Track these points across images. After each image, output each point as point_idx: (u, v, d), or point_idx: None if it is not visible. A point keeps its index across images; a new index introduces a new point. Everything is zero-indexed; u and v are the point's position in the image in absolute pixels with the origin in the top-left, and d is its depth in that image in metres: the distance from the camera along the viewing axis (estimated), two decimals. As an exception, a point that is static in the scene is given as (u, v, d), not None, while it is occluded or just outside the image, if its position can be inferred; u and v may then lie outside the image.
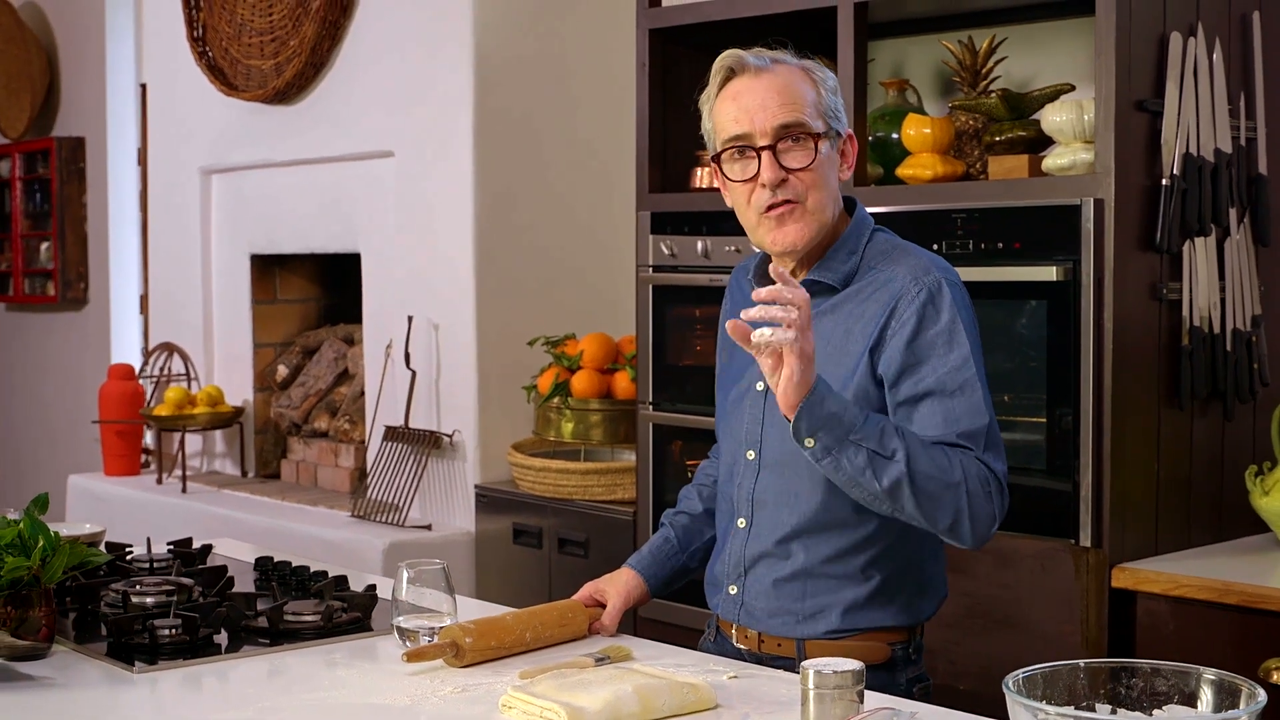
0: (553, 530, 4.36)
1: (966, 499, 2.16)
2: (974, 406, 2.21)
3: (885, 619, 2.31)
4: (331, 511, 4.99)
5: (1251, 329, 3.27)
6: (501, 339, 4.69)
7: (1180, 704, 1.63)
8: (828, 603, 2.30)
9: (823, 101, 2.30)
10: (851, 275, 2.32)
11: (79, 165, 7.20)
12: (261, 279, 5.69)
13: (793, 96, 2.27)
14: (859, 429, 2.12)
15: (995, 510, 2.20)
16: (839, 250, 2.33)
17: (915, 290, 2.25)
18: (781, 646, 2.33)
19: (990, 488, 2.19)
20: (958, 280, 2.30)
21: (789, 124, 2.26)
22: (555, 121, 4.81)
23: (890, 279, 2.28)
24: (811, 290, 2.33)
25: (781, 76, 2.29)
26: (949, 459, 2.16)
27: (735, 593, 2.38)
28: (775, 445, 2.33)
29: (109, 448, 5.92)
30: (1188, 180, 3.12)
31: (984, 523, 2.18)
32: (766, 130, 2.26)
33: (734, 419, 2.42)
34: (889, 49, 3.96)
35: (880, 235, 2.38)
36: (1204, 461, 3.27)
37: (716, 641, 2.45)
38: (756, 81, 2.28)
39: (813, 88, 2.30)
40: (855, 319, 2.29)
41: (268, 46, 5.30)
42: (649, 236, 3.93)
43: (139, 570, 2.83)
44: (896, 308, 2.25)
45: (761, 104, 2.27)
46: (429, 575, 2.37)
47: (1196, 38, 3.16)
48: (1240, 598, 2.86)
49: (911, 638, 2.34)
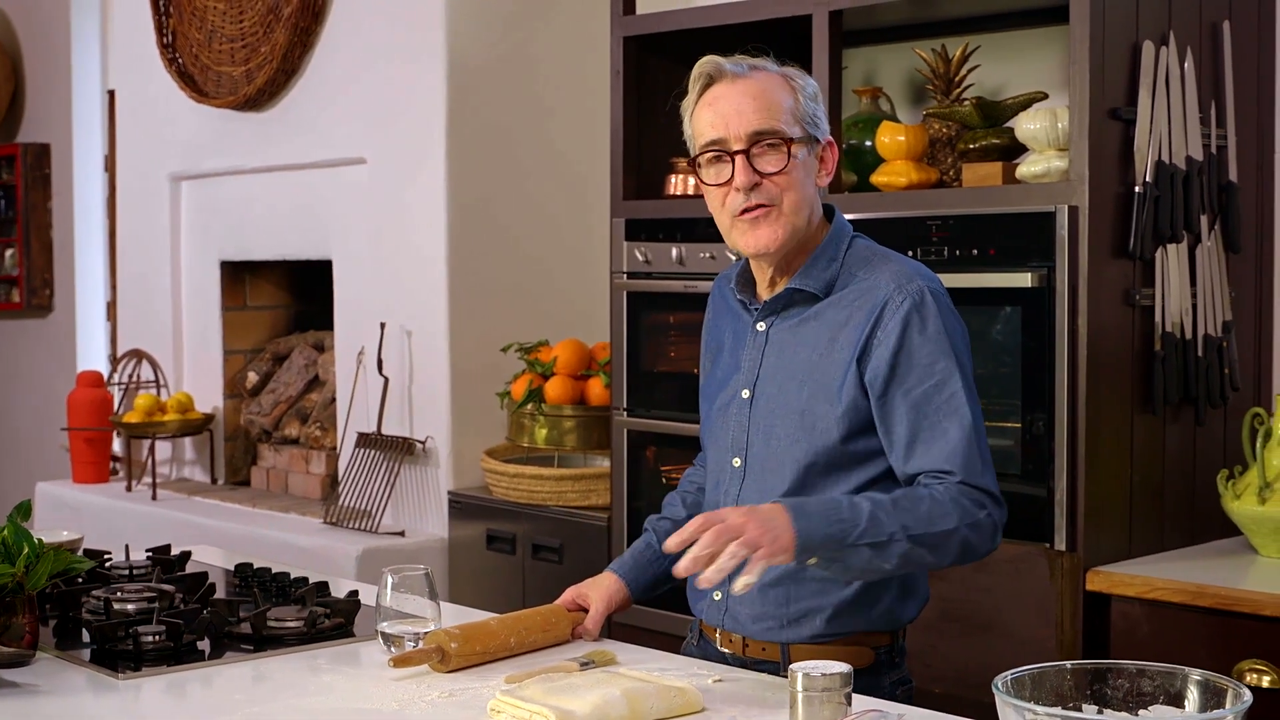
0: (526, 536, 4.37)
1: (967, 531, 2.21)
2: (958, 421, 2.23)
3: (869, 623, 2.32)
4: (303, 518, 4.98)
5: (1222, 334, 3.31)
6: (475, 345, 4.70)
7: (1166, 704, 1.65)
8: (812, 607, 2.31)
9: (801, 108, 2.32)
10: (832, 282, 2.33)
11: (44, 171, 7.16)
12: (232, 285, 5.68)
13: (769, 103, 2.29)
14: (853, 534, 2.15)
15: (996, 524, 2.24)
16: (819, 258, 2.35)
17: (900, 299, 2.26)
18: (766, 651, 2.34)
19: (985, 509, 2.23)
20: (941, 288, 2.32)
21: (762, 130, 2.28)
22: (529, 128, 4.82)
23: (874, 286, 2.29)
24: (793, 299, 2.35)
25: (759, 83, 2.31)
26: (940, 507, 2.19)
27: (719, 598, 2.39)
28: (760, 452, 2.34)
29: (78, 455, 5.89)
30: (1160, 187, 3.16)
31: (987, 542, 2.24)
32: (740, 135, 2.28)
33: (719, 426, 2.43)
34: (862, 57, 3.99)
35: (859, 242, 2.39)
36: (1176, 466, 3.30)
37: (700, 646, 2.46)
38: (733, 88, 2.30)
39: (791, 94, 2.32)
40: (839, 326, 2.30)
41: (238, 53, 5.29)
42: (623, 243, 3.94)
43: (119, 577, 2.82)
44: (881, 316, 2.26)
45: (737, 110, 2.29)
46: (412, 581, 2.38)
47: (1168, 47, 3.20)
48: (1214, 600, 2.89)
49: (895, 641, 2.36)
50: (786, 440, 2.31)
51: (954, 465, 2.22)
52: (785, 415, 2.32)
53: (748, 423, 2.37)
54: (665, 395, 3.93)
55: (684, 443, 3.76)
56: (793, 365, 2.33)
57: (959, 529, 2.20)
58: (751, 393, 2.37)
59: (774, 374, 2.35)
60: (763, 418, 2.34)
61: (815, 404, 2.29)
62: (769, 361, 2.36)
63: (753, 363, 2.38)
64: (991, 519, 2.23)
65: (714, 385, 2.49)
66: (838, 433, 2.27)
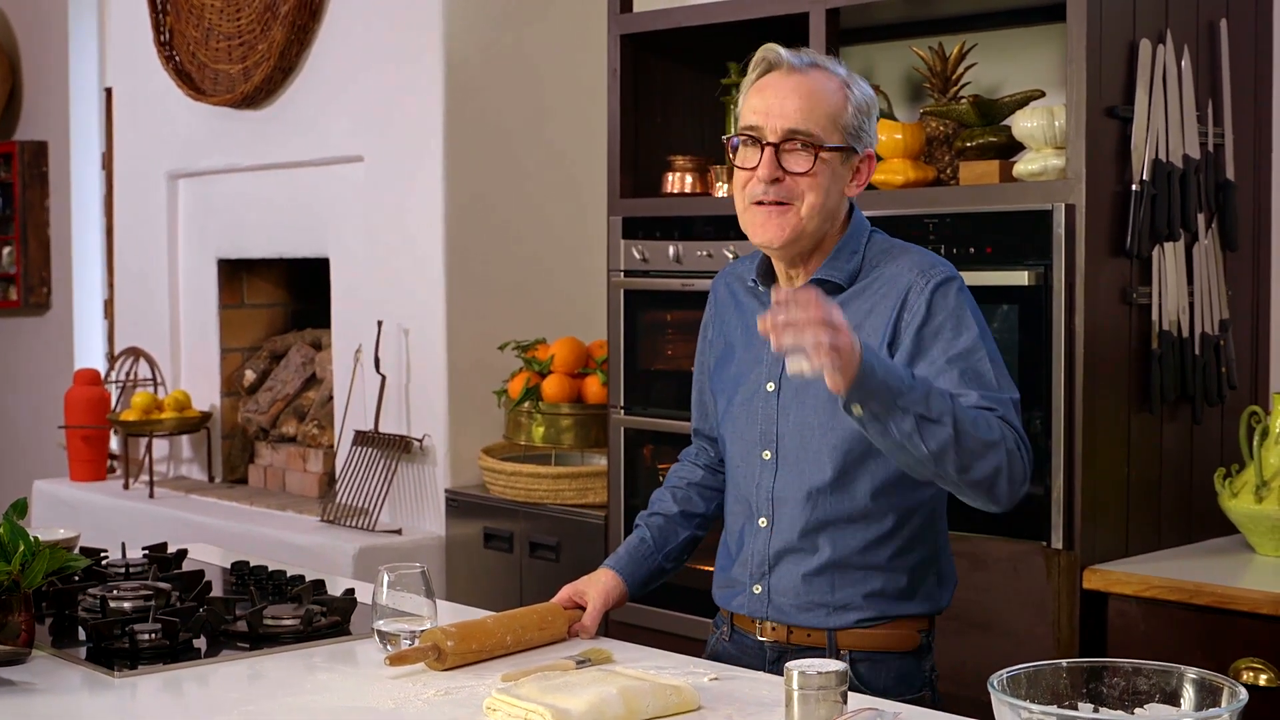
0: (524, 534, 4.37)
1: (1006, 457, 2.18)
2: (987, 380, 2.24)
3: (912, 608, 2.35)
4: (300, 516, 4.98)
5: (1219, 333, 3.31)
6: (472, 343, 4.70)
7: (1162, 703, 1.65)
8: (858, 593, 2.33)
9: (847, 117, 2.31)
10: (855, 273, 2.36)
11: (41, 169, 7.16)
12: (229, 284, 5.67)
13: (814, 105, 2.29)
14: (905, 394, 2.11)
15: (1027, 469, 2.23)
16: (842, 250, 2.37)
17: (923, 283, 2.29)
18: (811, 637, 2.35)
19: (1022, 449, 2.22)
20: (959, 277, 2.34)
21: (797, 130, 2.28)
22: (526, 126, 4.82)
23: (897, 275, 2.32)
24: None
25: (813, 82, 2.31)
26: (988, 420, 2.19)
27: (760, 591, 2.39)
28: (793, 444, 2.35)
29: (75, 453, 5.89)
30: (1157, 186, 3.16)
31: (1019, 481, 2.21)
32: (777, 129, 2.29)
33: (743, 421, 2.43)
34: (859, 55, 3.99)
35: (878, 236, 2.42)
36: (1173, 464, 3.30)
37: (734, 640, 2.45)
38: (787, 80, 2.31)
39: (842, 101, 2.31)
40: (865, 314, 2.32)
41: (235, 51, 5.29)
42: (620, 241, 3.94)
43: (115, 575, 2.82)
44: (907, 299, 2.29)
45: (781, 104, 2.29)
46: (409, 579, 2.38)
47: (1165, 45, 3.20)
48: (1211, 598, 2.90)
49: (932, 625, 2.39)
50: (820, 430, 2.32)
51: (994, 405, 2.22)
52: (816, 406, 2.32)
53: (776, 415, 2.37)
54: (663, 393, 3.93)
55: (681, 441, 3.74)
56: None
57: (1000, 446, 2.17)
58: (777, 385, 2.38)
59: None
60: (792, 410, 2.35)
61: None
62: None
63: (776, 356, 2.35)
64: (1024, 462, 2.22)
65: (727, 381, 2.48)
66: None
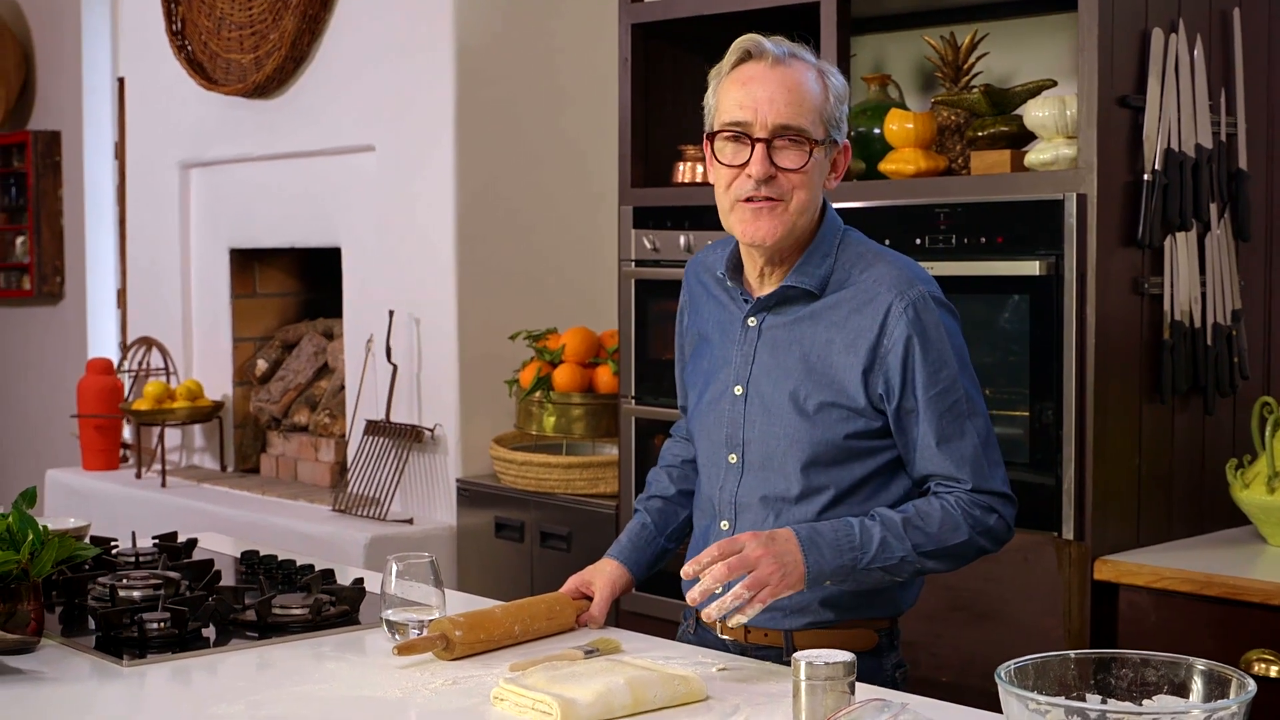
0: (535, 524, 4.37)
1: (978, 538, 2.26)
2: (968, 425, 2.27)
3: (870, 611, 2.33)
4: (312, 505, 4.98)
5: (1231, 323, 3.30)
6: (483, 333, 4.70)
7: (1170, 694, 1.64)
8: (814, 598, 2.30)
9: (828, 109, 2.29)
10: (827, 279, 2.31)
11: (55, 159, 7.17)
12: (241, 273, 5.68)
13: (801, 98, 2.26)
14: (864, 559, 2.20)
15: (1008, 523, 2.30)
16: (813, 253, 2.32)
17: (901, 305, 2.25)
18: (769, 637, 2.34)
19: (995, 512, 2.27)
20: (937, 288, 2.31)
21: (790, 125, 2.25)
22: (538, 115, 4.81)
23: (873, 293, 2.28)
24: (788, 295, 2.33)
25: (796, 74, 2.27)
26: (951, 519, 2.24)
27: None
28: (758, 449, 2.33)
29: (87, 442, 5.90)
30: (1169, 176, 3.14)
31: (999, 542, 2.30)
32: (768, 124, 2.25)
33: (710, 421, 2.41)
34: (871, 44, 3.98)
35: (851, 236, 2.37)
36: (1185, 455, 3.29)
37: (697, 634, 2.45)
38: (771, 73, 2.26)
39: (823, 92, 2.28)
40: (837, 329, 2.29)
41: (247, 40, 5.29)
42: (631, 231, 3.93)
43: (125, 564, 2.83)
44: (886, 325, 2.25)
45: (770, 97, 2.25)
46: (417, 568, 2.38)
47: (1178, 34, 3.18)
48: (1222, 590, 2.89)
49: (894, 624, 2.37)
50: (786, 439, 2.30)
51: (965, 472, 2.26)
52: (783, 413, 2.30)
53: (742, 420, 2.35)
54: (673, 383, 3.90)
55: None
56: (788, 363, 2.31)
57: (971, 539, 2.25)
58: (745, 390, 2.35)
59: (768, 371, 2.33)
60: (759, 415, 2.33)
61: (814, 403, 2.28)
62: (762, 358, 2.34)
63: (744, 359, 2.36)
64: (1003, 520, 2.29)
65: (700, 376, 2.46)
66: (839, 431, 2.27)
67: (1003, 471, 2.30)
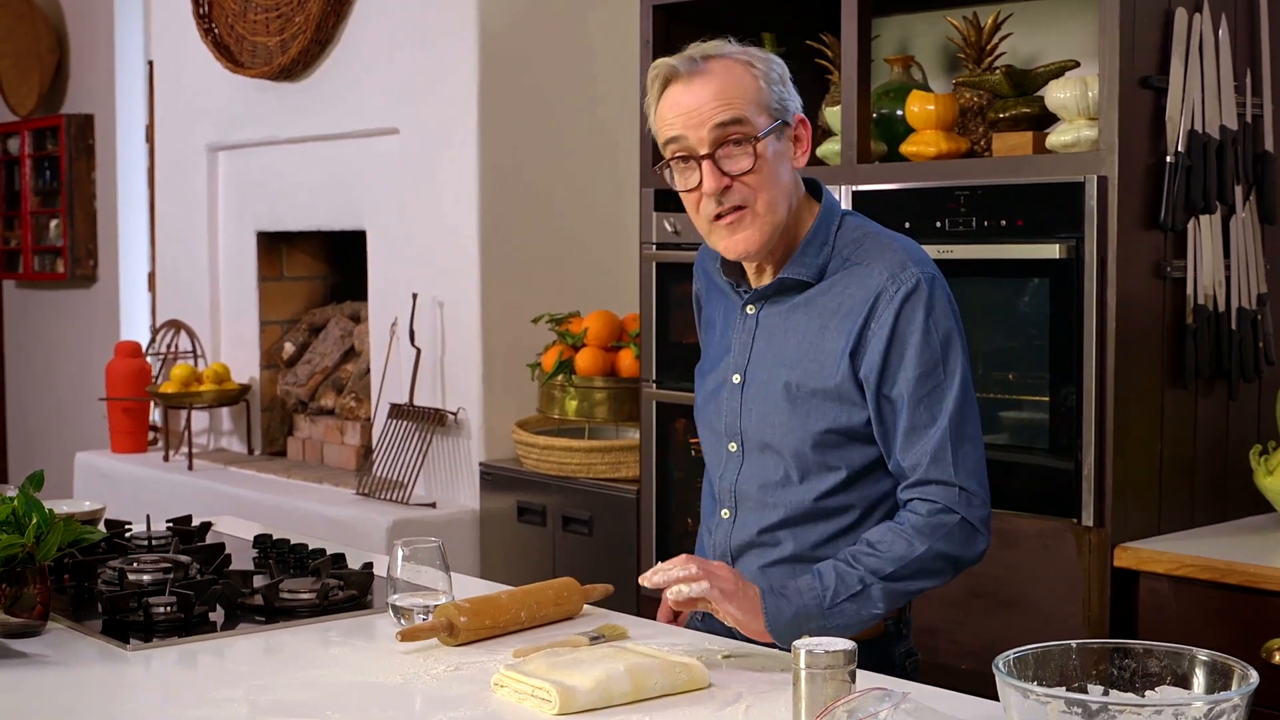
0: (557, 508, 4.35)
1: (941, 545, 2.19)
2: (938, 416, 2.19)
3: None
4: (337, 489, 4.99)
5: (1257, 307, 3.25)
6: (506, 316, 4.68)
7: (1173, 685, 1.61)
8: None
9: (765, 93, 2.22)
10: (824, 266, 2.28)
11: (88, 142, 7.20)
12: (268, 256, 5.69)
13: (729, 94, 2.20)
14: (827, 597, 2.16)
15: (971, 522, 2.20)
16: (810, 243, 2.28)
17: (893, 289, 2.21)
18: None
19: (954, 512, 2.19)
20: (935, 270, 2.26)
21: (725, 122, 2.18)
22: (562, 98, 4.79)
23: (867, 275, 2.23)
24: (784, 286, 2.30)
25: (717, 75, 2.21)
26: (905, 534, 2.18)
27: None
28: (755, 437, 2.31)
29: (116, 425, 5.93)
30: (1192, 157, 3.10)
31: (970, 544, 2.21)
32: (704, 137, 2.19)
33: (711, 411, 2.40)
34: (894, 25, 3.94)
35: (850, 220, 2.32)
36: (1208, 441, 3.25)
37: (705, 621, 2.43)
38: (690, 86, 2.20)
39: (752, 80, 2.22)
40: (830, 314, 2.25)
41: (273, 23, 5.29)
42: (652, 213, 3.91)
43: (137, 548, 2.83)
44: (875, 307, 2.21)
45: (697, 108, 2.19)
46: (424, 553, 2.36)
47: (1202, 14, 3.13)
48: (1243, 578, 2.85)
49: (903, 613, 2.34)
50: (781, 428, 2.27)
51: (925, 461, 2.19)
52: (778, 401, 2.28)
53: (740, 408, 2.33)
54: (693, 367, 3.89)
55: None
56: (783, 351, 2.29)
57: (931, 548, 2.18)
58: (743, 378, 2.33)
59: (765, 359, 2.31)
60: (756, 403, 2.31)
61: (807, 390, 2.25)
62: (759, 347, 2.32)
63: (743, 347, 2.34)
64: (964, 520, 2.19)
65: (706, 361, 2.45)
66: (831, 419, 2.24)
67: (974, 465, 2.21)
